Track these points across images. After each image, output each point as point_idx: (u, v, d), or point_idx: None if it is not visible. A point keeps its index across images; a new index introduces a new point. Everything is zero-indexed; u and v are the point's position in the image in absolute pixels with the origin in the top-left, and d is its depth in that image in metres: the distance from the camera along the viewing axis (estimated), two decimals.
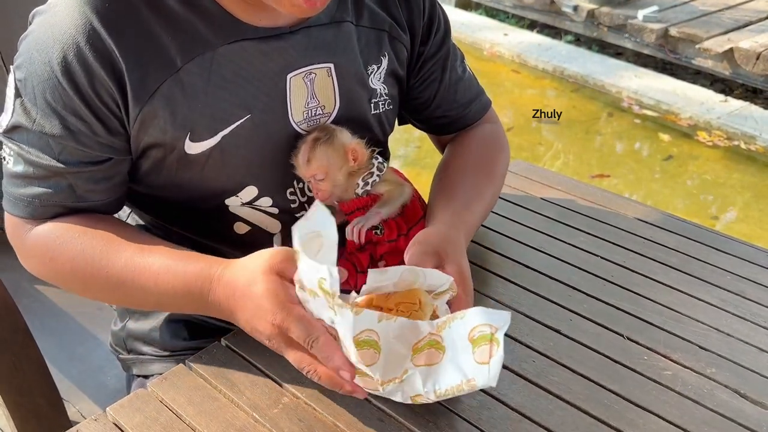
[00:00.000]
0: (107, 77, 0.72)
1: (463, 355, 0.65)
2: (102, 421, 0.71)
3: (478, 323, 0.65)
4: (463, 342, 0.65)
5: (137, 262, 0.75)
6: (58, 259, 0.78)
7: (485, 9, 4.70)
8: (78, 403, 1.02)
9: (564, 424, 0.71)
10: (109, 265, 0.76)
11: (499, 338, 0.64)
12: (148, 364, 0.95)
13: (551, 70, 3.86)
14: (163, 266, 0.74)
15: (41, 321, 1.16)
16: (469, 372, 0.65)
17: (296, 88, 0.81)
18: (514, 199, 1.12)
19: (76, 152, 0.75)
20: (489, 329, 0.64)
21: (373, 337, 0.64)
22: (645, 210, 1.11)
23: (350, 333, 0.62)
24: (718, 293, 0.92)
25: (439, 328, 0.66)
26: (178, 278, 0.73)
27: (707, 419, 0.73)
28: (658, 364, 0.80)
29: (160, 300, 0.76)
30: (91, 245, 0.77)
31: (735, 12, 3.91)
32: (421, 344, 0.67)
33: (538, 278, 0.93)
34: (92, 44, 0.71)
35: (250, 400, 0.73)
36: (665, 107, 3.43)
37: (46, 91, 0.73)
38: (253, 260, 0.70)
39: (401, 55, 0.91)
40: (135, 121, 0.75)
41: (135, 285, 0.75)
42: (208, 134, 0.78)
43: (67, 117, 0.73)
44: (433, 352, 0.66)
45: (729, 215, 2.85)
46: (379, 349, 0.65)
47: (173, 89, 0.75)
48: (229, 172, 0.81)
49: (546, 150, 3.24)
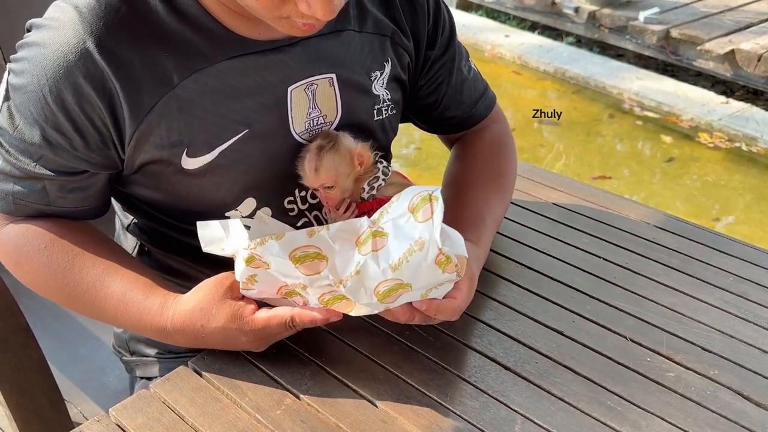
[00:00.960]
0: (97, 98, 0.72)
1: (407, 226, 0.68)
2: (105, 422, 0.71)
3: (414, 194, 0.68)
4: (404, 217, 0.68)
5: (98, 288, 0.78)
6: (23, 266, 0.81)
7: (486, 10, 4.71)
8: (80, 403, 1.02)
9: (566, 426, 0.71)
10: (71, 285, 0.78)
11: (437, 195, 0.67)
12: (151, 366, 0.95)
13: (552, 71, 3.86)
14: (122, 297, 0.77)
15: (42, 322, 1.16)
16: (415, 234, 0.68)
17: (297, 99, 0.81)
18: (516, 200, 1.12)
19: (54, 162, 0.76)
20: (425, 192, 0.68)
21: (310, 250, 0.68)
22: (647, 211, 1.11)
23: (284, 254, 0.67)
24: (721, 295, 0.92)
25: (376, 221, 0.69)
26: (136, 313, 0.77)
27: (710, 421, 0.73)
28: (660, 366, 0.80)
29: (125, 326, 0.82)
30: (55, 260, 0.79)
31: (736, 14, 3.91)
32: (363, 237, 0.69)
33: (540, 279, 0.93)
34: (84, 67, 0.71)
35: (253, 401, 0.72)
36: (666, 109, 3.42)
37: (31, 104, 0.73)
38: (201, 293, 0.75)
39: (403, 60, 0.90)
40: (131, 140, 0.75)
41: (96, 309, 0.79)
42: (205, 149, 0.78)
43: (47, 130, 0.74)
44: (377, 240, 0.68)
45: (730, 217, 2.84)
46: (324, 257, 0.68)
47: (170, 105, 0.75)
48: (228, 186, 0.81)
49: (547, 151, 3.24)
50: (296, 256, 0.68)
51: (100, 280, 0.78)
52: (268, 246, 0.68)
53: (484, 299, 0.89)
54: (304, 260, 0.68)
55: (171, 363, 0.92)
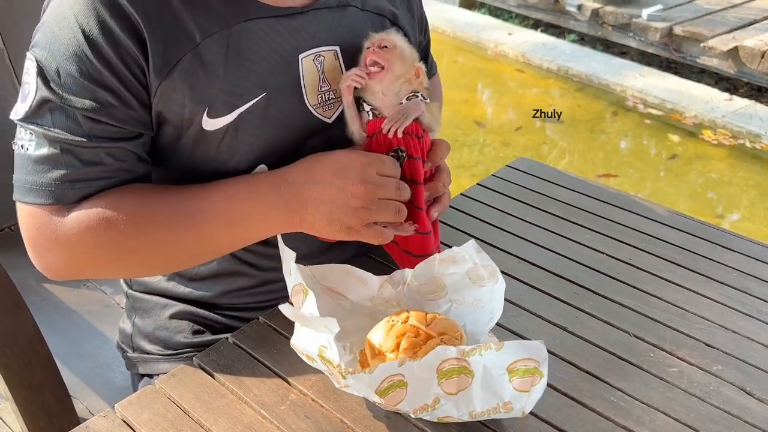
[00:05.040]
0: (134, 47, 0.72)
1: (498, 381, 0.66)
2: (110, 418, 0.71)
3: (519, 357, 0.65)
4: (499, 370, 0.65)
5: (209, 192, 0.77)
6: (117, 236, 0.75)
7: (489, 9, 4.70)
8: (86, 399, 1.03)
9: (570, 421, 0.71)
10: (191, 207, 0.77)
11: (543, 372, 0.65)
12: (152, 363, 0.95)
13: (555, 69, 3.86)
14: (231, 185, 0.78)
15: (49, 318, 1.16)
16: (506, 396, 0.66)
17: (308, 70, 0.82)
18: (519, 196, 1.12)
19: (108, 128, 0.74)
20: (533, 363, 0.65)
21: (396, 378, 0.65)
22: (651, 207, 1.11)
23: (372, 388, 0.64)
24: (724, 290, 0.92)
25: (465, 353, 0.65)
26: (250, 191, 0.77)
27: (713, 416, 0.73)
28: (664, 362, 0.80)
29: (242, 215, 0.78)
30: (158, 200, 0.77)
31: (740, 10, 3.90)
32: (447, 368, 0.65)
33: (544, 276, 0.94)
34: (117, 14, 0.71)
35: (258, 397, 0.73)
36: (670, 106, 3.42)
37: (73, 66, 0.72)
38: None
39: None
40: (155, 95, 0.75)
41: (212, 213, 0.77)
42: (225, 110, 0.78)
43: (98, 91, 0.72)
44: (463, 378, 0.66)
45: (734, 214, 2.84)
46: (406, 385, 0.65)
47: (193, 64, 0.75)
48: (243, 152, 0.81)
49: (550, 149, 3.24)
50: (382, 389, 0.64)
51: (206, 190, 0.77)
52: (359, 378, 0.64)
53: None
54: (388, 392, 0.65)
55: (173, 361, 0.92)
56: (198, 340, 0.91)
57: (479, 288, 0.78)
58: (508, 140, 3.28)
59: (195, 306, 0.92)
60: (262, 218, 0.78)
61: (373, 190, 0.77)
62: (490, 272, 0.77)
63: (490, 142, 3.28)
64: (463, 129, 3.36)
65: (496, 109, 3.71)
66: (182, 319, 0.93)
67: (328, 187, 0.76)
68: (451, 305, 0.79)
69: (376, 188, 0.77)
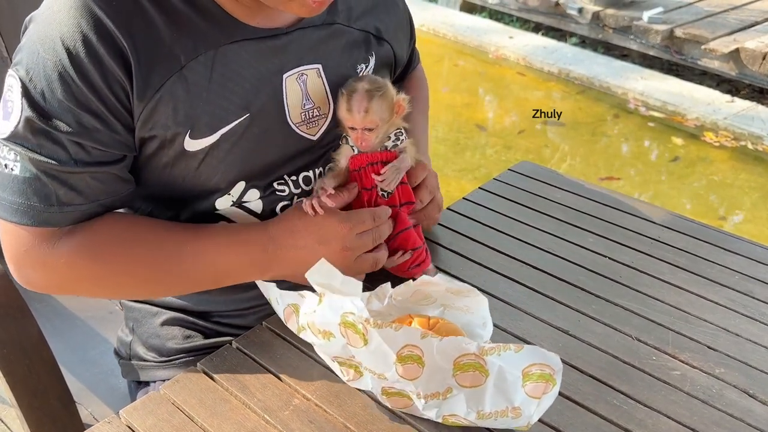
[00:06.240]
0: (119, 70, 0.72)
1: (511, 384, 0.66)
2: (115, 424, 0.72)
3: (536, 361, 0.65)
4: (514, 373, 0.66)
5: (197, 240, 0.81)
6: (109, 265, 0.79)
7: (490, 12, 4.71)
8: (90, 405, 1.03)
9: (573, 425, 0.71)
10: (175, 251, 0.80)
11: (557, 380, 0.65)
12: (148, 371, 0.95)
13: (557, 72, 3.86)
14: (222, 239, 0.81)
15: (53, 325, 1.17)
16: (516, 401, 0.66)
17: (291, 89, 0.83)
18: (521, 199, 1.12)
19: (94, 152, 0.74)
20: (548, 370, 0.65)
21: (416, 352, 0.65)
22: (653, 210, 1.11)
23: (393, 349, 0.64)
24: (727, 293, 0.93)
25: (484, 351, 0.66)
26: (238, 250, 0.81)
27: (716, 419, 0.73)
28: (666, 365, 0.80)
29: (226, 269, 0.82)
30: (145, 239, 0.80)
31: (740, 12, 3.90)
32: (464, 362, 0.66)
33: (546, 279, 0.94)
34: (103, 37, 0.71)
35: (261, 401, 0.73)
36: (671, 108, 3.42)
37: (59, 89, 0.71)
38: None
39: (387, 55, 0.96)
40: (138, 118, 0.75)
41: (198, 262, 0.81)
42: (208, 132, 0.79)
43: (83, 115, 0.72)
44: (477, 375, 0.66)
45: (737, 216, 2.84)
46: (423, 364, 0.66)
47: (177, 86, 0.75)
48: (224, 170, 0.81)
49: (552, 152, 3.24)
50: (402, 355, 0.65)
51: (194, 235, 0.81)
52: (385, 333, 0.64)
53: (490, 299, 0.89)
54: (407, 361, 0.65)
55: (168, 368, 0.93)
56: (189, 345, 0.92)
57: (464, 297, 0.79)
58: (509, 143, 3.28)
59: (184, 313, 0.92)
60: (246, 273, 0.83)
61: (353, 254, 0.83)
62: (469, 289, 0.78)
63: (491, 145, 3.28)
64: (465, 132, 3.36)
65: (497, 112, 3.72)
66: (173, 326, 0.93)
67: (310, 253, 0.81)
68: (444, 309, 0.80)
69: (355, 252, 0.83)
